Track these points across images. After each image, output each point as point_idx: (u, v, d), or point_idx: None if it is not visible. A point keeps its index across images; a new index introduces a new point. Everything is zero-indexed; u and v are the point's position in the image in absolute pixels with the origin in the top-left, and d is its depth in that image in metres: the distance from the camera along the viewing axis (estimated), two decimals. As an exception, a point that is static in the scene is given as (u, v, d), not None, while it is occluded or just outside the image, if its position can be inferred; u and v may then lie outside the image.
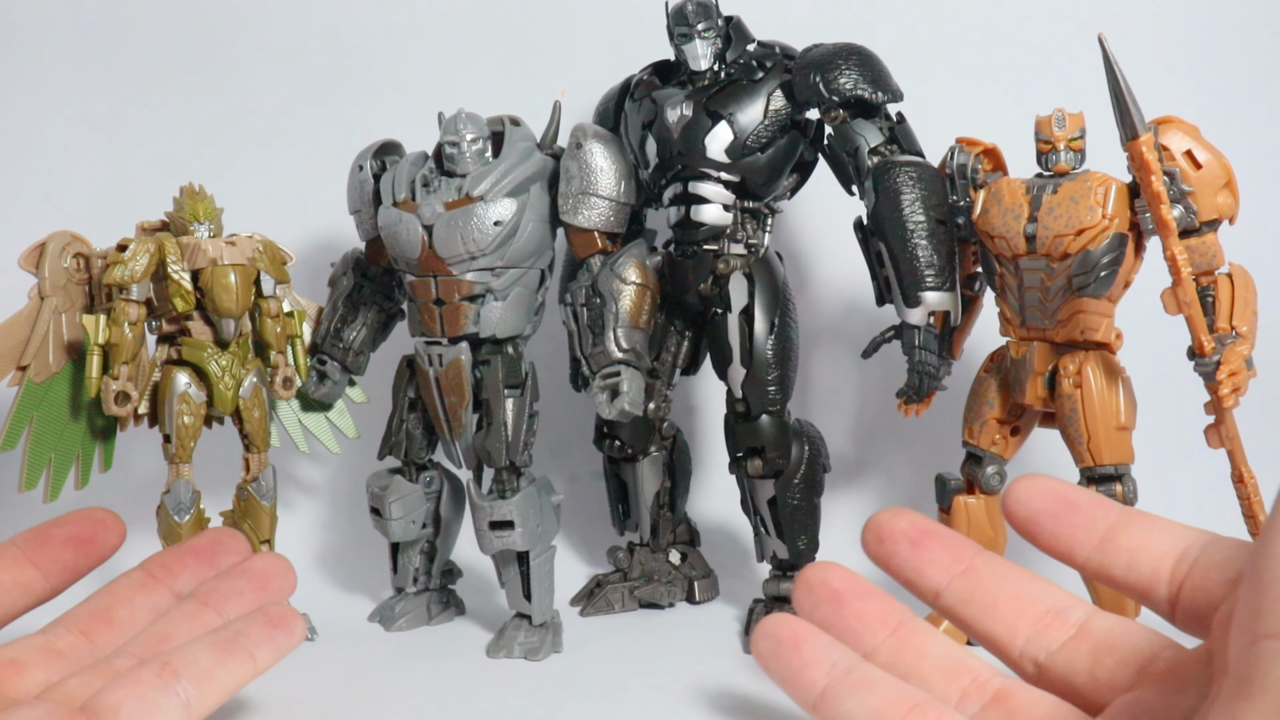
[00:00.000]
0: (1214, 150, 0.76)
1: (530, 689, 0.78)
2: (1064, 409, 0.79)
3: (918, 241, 0.79)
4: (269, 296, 0.87)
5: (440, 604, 0.95)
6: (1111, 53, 0.71)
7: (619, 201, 0.87)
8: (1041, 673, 0.48)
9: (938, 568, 0.51)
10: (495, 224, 0.83)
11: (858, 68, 0.83)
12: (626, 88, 0.92)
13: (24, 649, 0.56)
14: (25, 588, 0.58)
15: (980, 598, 0.50)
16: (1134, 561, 0.47)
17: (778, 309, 0.86)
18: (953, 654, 0.49)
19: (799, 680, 0.49)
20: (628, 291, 0.85)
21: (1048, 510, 0.49)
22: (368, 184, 0.90)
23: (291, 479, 1.15)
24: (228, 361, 0.85)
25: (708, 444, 1.13)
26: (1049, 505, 0.49)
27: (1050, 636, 0.48)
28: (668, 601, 0.97)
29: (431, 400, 0.88)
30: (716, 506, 1.11)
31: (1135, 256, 0.79)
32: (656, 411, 0.94)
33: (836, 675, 0.48)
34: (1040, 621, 0.48)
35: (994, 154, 0.85)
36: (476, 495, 0.86)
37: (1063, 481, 0.50)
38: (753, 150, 0.85)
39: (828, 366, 1.17)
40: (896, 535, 0.51)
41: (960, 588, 0.50)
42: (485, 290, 0.85)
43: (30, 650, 0.56)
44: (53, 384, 0.82)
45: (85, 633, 0.58)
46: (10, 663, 0.54)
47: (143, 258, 0.80)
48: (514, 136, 0.87)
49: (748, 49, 0.88)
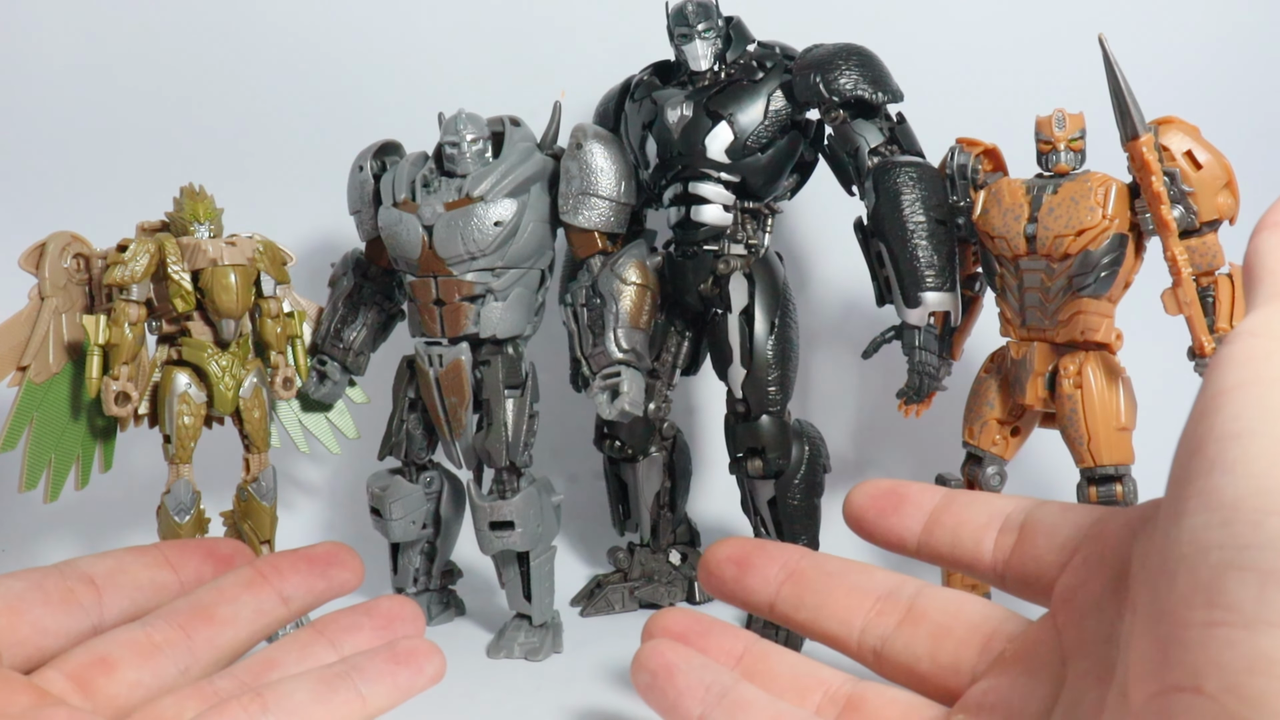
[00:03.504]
0: (1214, 150, 0.76)
1: (530, 689, 0.78)
2: (1064, 409, 0.79)
3: (918, 242, 0.79)
4: (269, 297, 0.87)
5: (440, 604, 0.95)
6: (1111, 53, 0.71)
7: (619, 202, 0.87)
8: (883, 662, 0.48)
9: (763, 581, 0.52)
10: (495, 224, 0.83)
11: (858, 68, 0.83)
12: (626, 88, 0.92)
13: (117, 644, 0.52)
14: (160, 586, 0.56)
15: (810, 599, 0.51)
16: (957, 537, 0.48)
17: (778, 309, 0.86)
18: (799, 669, 0.50)
19: (676, 711, 0.49)
20: (628, 292, 0.85)
21: (876, 506, 0.51)
22: (368, 184, 0.90)
23: (291, 479, 1.15)
24: (228, 362, 0.85)
25: (708, 444, 1.13)
26: (878, 501, 0.51)
27: (883, 622, 0.48)
28: (668, 601, 0.97)
29: (432, 401, 0.88)
30: (716, 506, 1.11)
31: (1135, 257, 0.79)
32: (657, 412, 0.94)
33: (711, 702, 0.48)
34: (873, 609, 0.49)
35: (994, 154, 0.85)
36: (477, 496, 0.86)
37: (898, 480, 0.52)
38: (753, 150, 0.85)
39: (828, 366, 1.17)
40: (721, 564, 0.53)
41: (789, 594, 0.51)
42: (485, 291, 0.85)
43: (124, 646, 0.52)
44: (53, 384, 0.82)
45: (184, 627, 0.54)
46: (100, 661, 0.50)
47: (143, 258, 0.80)
48: (514, 137, 0.87)
49: (748, 49, 0.88)
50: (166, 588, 0.56)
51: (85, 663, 0.50)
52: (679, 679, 0.51)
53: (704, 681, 0.49)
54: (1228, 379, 0.34)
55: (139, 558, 0.57)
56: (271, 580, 0.57)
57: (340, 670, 0.51)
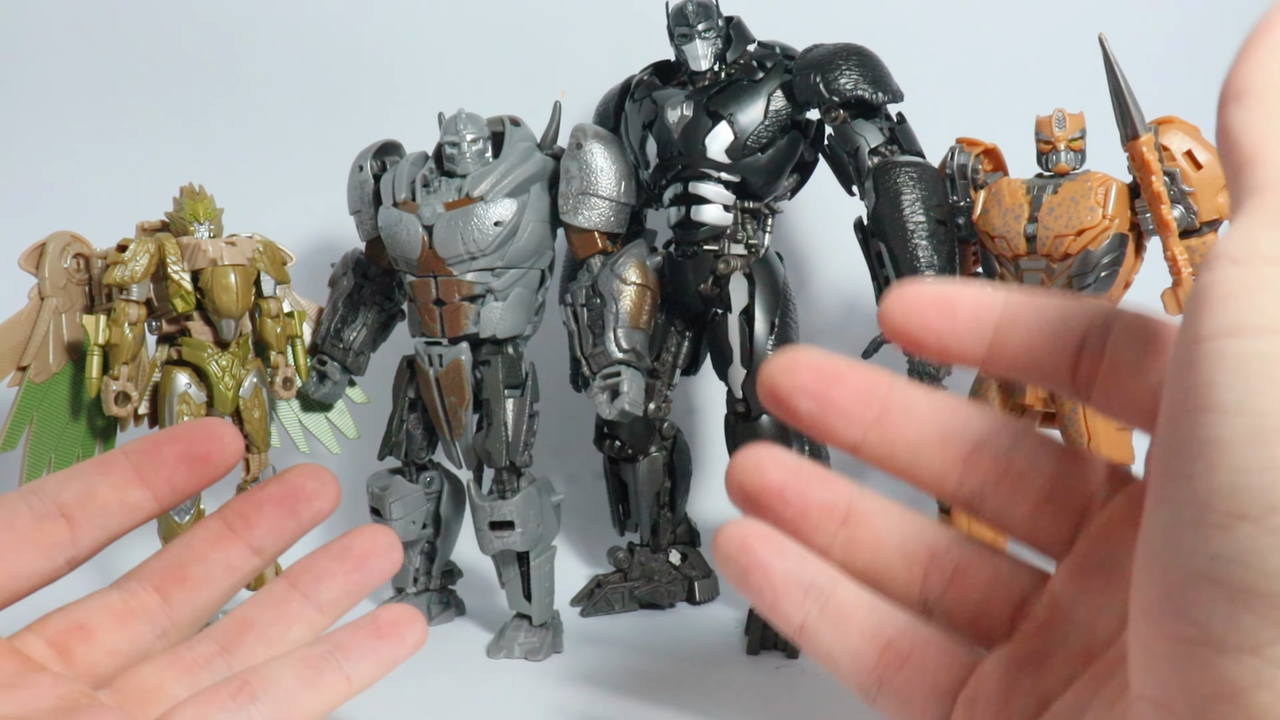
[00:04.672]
0: (1215, 150, 0.76)
1: (530, 689, 0.78)
2: (1064, 409, 0.79)
3: (918, 242, 0.79)
4: (269, 297, 0.87)
5: (440, 604, 0.95)
6: (1112, 53, 0.71)
7: (619, 202, 0.87)
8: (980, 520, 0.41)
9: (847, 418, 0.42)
10: (495, 224, 0.83)
11: (858, 68, 0.83)
12: (627, 88, 0.92)
13: (94, 610, 0.50)
14: (133, 508, 0.52)
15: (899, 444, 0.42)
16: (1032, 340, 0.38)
17: (778, 309, 0.86)
18: (905, 531, 0.42)
19: (776, 612, 0.43)
20: (628, 292, 0.85)
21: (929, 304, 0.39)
22: (368, 184, 0.90)
23: (291, 479, 1.15)
24: (228, 362, 0.85)
25: (708, 444, 1.13)
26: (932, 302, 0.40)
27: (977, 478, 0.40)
28: (668, 601, 0.97)
29: (431, 401, 0.88)
30: (716, 506, 1.11)
31: (1135, 257, 0.79)
32: (657, 412, 0.94)
33: (812, 609, 0.41)
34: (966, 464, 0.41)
35: (994, 154, 0.85)
36: (476, 496, 0.86)
37: None
38: (753, 150, 0.85)
39: (828, 366, 1.17)
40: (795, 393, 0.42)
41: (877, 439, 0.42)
42: (485, 290, 0.85)
43: (101, 612, 0.51)
44: (53, 384, 0.82)
45: (159, 589, 0.52)
46: (79, 628, 0.49)
47: (143, 258, 0.80)
48: (514, 137, 0.87)
49: (748, 49, 0.88)
50: (140, 509, 0.52)
51: (64, 629, 0.49)
52: (775, 578, 0.44)
53: (803, 582, 0.42)
54: (1205, 324, 0.26)
55: (106, 476, 0.52)
56: (241, 533, 0.55)
57: (324, 651, 0.51)
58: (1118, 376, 0.35)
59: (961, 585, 0.40)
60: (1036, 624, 0.38)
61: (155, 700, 0.49)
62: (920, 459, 0.41)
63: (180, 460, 0.53)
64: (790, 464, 0.43)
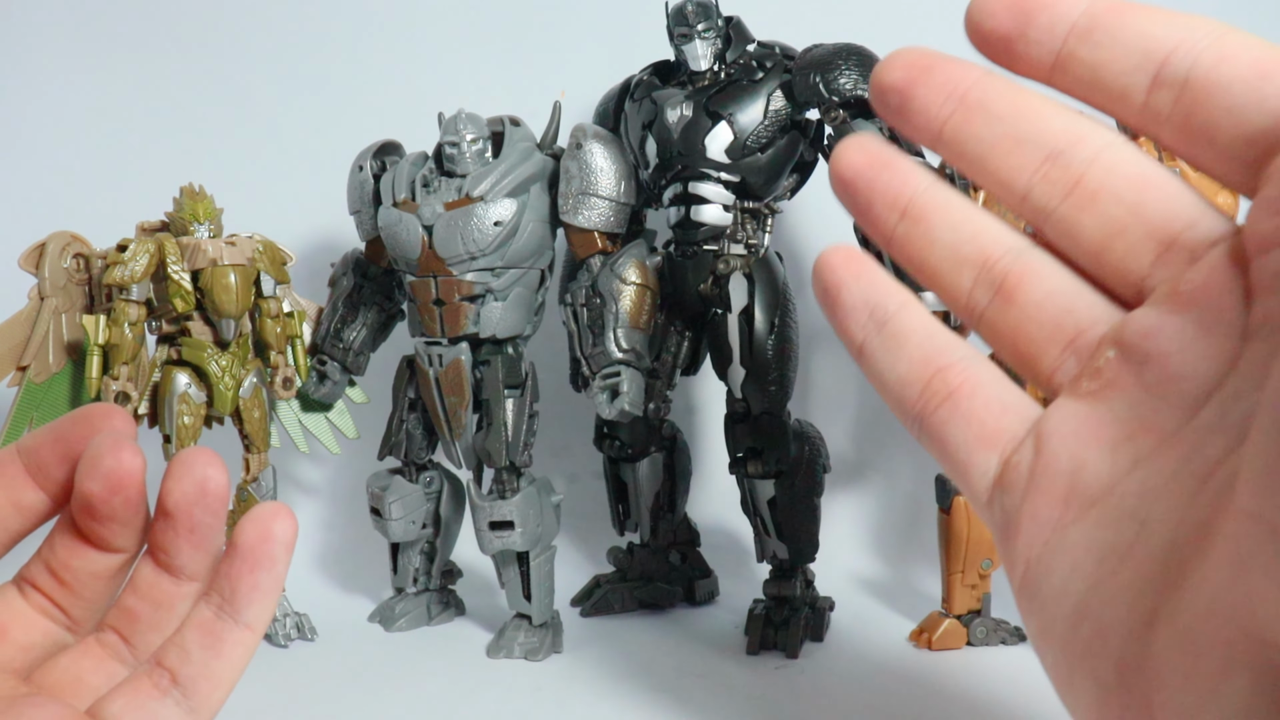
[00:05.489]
0: (1214, 150, 0.76)
1: (530, 689, 0.78)
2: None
3: (918, 242, 0.79)
4: (269, 297, 0.87)
5: (440, 604, 0.95)
6: (1112, 53, 0.71)
7: (619, 202, 0.87)
8: (1045, 237, 0.37)
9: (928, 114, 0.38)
10: (495, 224, 0.83)
11: (858, 68, 0.83)
12: (626, 88, 0.92)
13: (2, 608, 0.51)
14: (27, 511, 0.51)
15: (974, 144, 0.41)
16: None
17: (778, 309, 0.86)
18: (961, 234, 0.38)
19: (843, 332, 0.42)
20: (628, 292, 0.85)
21: None
22: (368, 184, 0.90)
23: (291, 479, 1.15)
24: (228, 362, 0.85)
25: (708, 444, 1.13)
26: None
27: (1049, 190, 0.36)
28: (668, 601, 0.97)
29: (431, 401, 0.88)
30: (716, 506, 1.11)
31: (1135, 257, 0.79)
32: (656, 411, 0.94)
33: (871, 330, 0.38)
34: (1038, 171, 0.36)
35: (994, 154, 0.84)
36: (476, 495, 0.86)
37: None
38: (753, 150, 0.85)
39: (828, 366, 1.17)
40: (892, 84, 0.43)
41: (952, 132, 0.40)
42: (485, 290, 0.85)
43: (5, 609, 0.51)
44: (53, 384, 0.82)
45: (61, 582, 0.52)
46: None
47: (143, 258, 0.80)
48: (514, 137, 0.87)
49: (748, 49, 0.88)
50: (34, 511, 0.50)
51: None
52: (844, 297, 0.44)
53: (869, 304, 0.42)
54: None
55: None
56: None
57: (215, 611, 0.48)
58: (1206, 112, 0.30)
59: (1005, 302, 0.36)
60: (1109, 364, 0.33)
61: (76, 693, 0.48)
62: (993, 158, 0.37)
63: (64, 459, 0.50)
64: (870, 149, 0.40)
